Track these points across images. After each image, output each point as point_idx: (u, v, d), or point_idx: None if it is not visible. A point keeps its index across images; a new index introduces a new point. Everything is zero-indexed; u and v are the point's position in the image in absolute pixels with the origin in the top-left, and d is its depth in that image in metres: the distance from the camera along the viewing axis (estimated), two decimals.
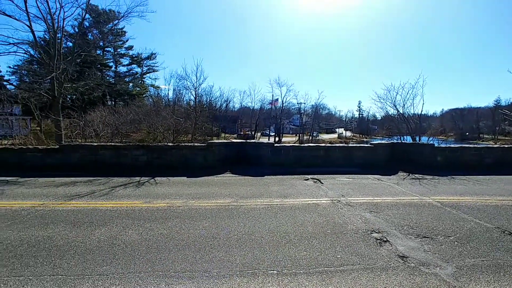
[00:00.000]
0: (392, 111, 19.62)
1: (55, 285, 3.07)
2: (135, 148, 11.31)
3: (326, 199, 6.74)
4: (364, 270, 3.41)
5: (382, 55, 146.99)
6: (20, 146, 11.96)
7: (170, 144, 11.73)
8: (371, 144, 13.28)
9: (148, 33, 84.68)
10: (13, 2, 13.13)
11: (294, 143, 27.00)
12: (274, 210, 5.81)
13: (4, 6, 12.88)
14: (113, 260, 3.61)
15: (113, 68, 54.13)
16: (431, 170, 10.76)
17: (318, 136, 64.57)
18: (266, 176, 9.59)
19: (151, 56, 54.03)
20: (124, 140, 14.29)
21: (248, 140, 21.13)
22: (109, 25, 25.78)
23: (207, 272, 3.31)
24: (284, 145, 12.57)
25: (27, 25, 13.68)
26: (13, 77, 41.75)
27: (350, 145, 14.24)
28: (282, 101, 55.11)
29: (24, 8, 13.30)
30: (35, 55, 16.08)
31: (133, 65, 55.62)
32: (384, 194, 7.24)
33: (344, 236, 4.42)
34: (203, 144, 11.94)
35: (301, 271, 3.37)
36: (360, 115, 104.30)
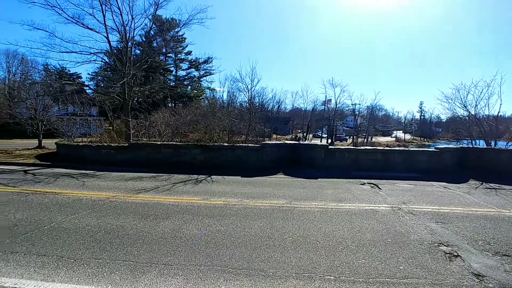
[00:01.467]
0: (461, 112, 17.68)
1: (128, 270, 3.40)
2: (193, 147, 12.00)
3: (385, 205, 6.36)
4: (432, 285, 3.14)
5: (448, 53, 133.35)
6: (97, 144, 13.53)
7: (226, 144, 12.19)
8: (436, 148, 12.15)
9: (206, 38, 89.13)
10: (94, 17, 15.03)
11: (348, 145, 26.01)
12: (329, 214, 5.67)
13: (88, 21, 14.95)
14: (176, 251, 3.88)
15: (173, 73, 58.12)
16: (511, 179, 9.46)
17: (372, 138, 61.14)
18: (319, 179, 9.40)
19: (207, 60, 56.74)
20: (183, 140, 15.26)
21: (301, 142, 20.95)
22: (171, 33, 27.68)
23: (263, 272, 3.37)
24: (339, 147, 12.19)
25: (105, 36, 15.52)
26: (91, 82, 47.43)
27: (411, 149, 13.23)
28: (336, 102, 53.36)
29: (103, 22, 15.14)
30: (110, 63, 18.08)
31: (192, 69, 59.05)
32: (452, 204, 6.58)
33: (407, 247, 4.13)
34: (256, 145, 12.16)
35: (360, 279, 3.23)
36: (422, 117, 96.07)
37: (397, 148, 14.21)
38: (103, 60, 17.54)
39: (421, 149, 13.01)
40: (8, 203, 6.18)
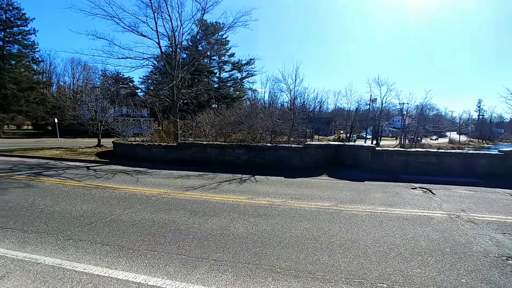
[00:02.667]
0: None
1: (181, 263, 3.60)
2: (237, 147, 12.26)
3: (441, 212, 5.92)
4: None
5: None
6: (148, 143, 14.47)
7: (269, 144, 12.27)
8: (500, 151, 10.97)
9: (249, 40, 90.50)
10: (148, 25, 16.15)
11: (394, 147, 24.61)
12: (378, 218, 5.43)
13: (142, 29, 16.21)
14: (224, 248, 4.01)
15: (217, 75, 59.88)
16: None
17: (422, 140, 56.89)
18: (366, 182, 9.04)
19: (250, 62, 57.47)
20: (227, 140, 15.67)
21: (346, 143, 20.32)
22: (216, 36, 28.53)
23: (312, 274, 3.34)
24: (387, 149, 11.60)
25: (156, 42, 16.56)
26: (143, 85, 50.83)
27: (469, 151, 12.10)
28: (381, 101, 50.79)
29: (155, 29, 16.18)
30: (160, 67, 19.23)
31: (234, 71, 60.28)
32: None
33: (469, 258, 3.80)
34: (299, 146, 12.05)
35: None
36: (480, 116, 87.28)
37: (453, 151, 13.12)
38: (154, 65, 18.72)
39: (481, 152, 11.83)
40: (76, 196, 6.88)
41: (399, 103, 53.09)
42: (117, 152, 15.25)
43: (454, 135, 77.51)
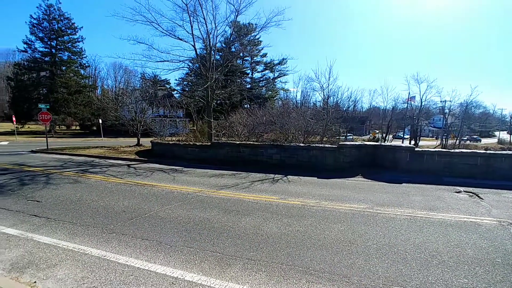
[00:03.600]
0: None
1: (215, 260, 3.68)
2: (269, 147, 12.28)
3: (490, 218, 5.46)
4: None
5: None
6: (183, 142, 14.99)
7: (301, 144, 12.13)
8: None
9: (281, 39, 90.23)
10: (184, 28, 16.97)
11: (435, 148, 23.14)
12: (418, 223, 5.14)
13: (178, 32, 16.83)
14: (258, 248, 4.04)
15: (249, 75, 60.47)
16: None
17: (467, 140, 52.57)
18: (404, 184, 8.61)
19: (282, 62, 57.33)
20: (259, 140, 15.74)
21: (382, 143, 19.52)
22: (248, 37, 28.77)
23: (347, 278, 3.25)
24: (428, 149, 10.93)
25: (192, 45, 17.13)
26: (178, 87, 52.88)
27: None
28: (421, 99, 47.86)
29: (191, 32, 16.75)
30: (195, 69, 19.84)
31: (266, 71, 60.53)
32: None
33: None
34: (333, 146, 11.78)
35: None
36: None
37: (504, 152, 12.04)
38: (189, 67, 19.36)
39: None
40: (118, 192, 7.32)
41: (441, 101, 49.67)
42: (155, 151, 15.97)
43: (504, 135, 70.95)
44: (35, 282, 3.20)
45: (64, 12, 48.43)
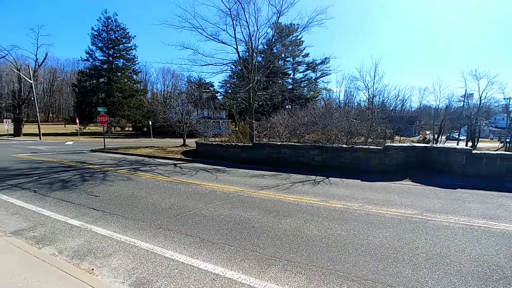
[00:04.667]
0: None
1: (255, 260, 3.72)
2: (311, 148, 12.09)
3: None
4: None
5: None
6: (226, 143, 15.40)
7: (344, 145, 11.75)
8: None
9: (324, 38, 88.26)
10: (227, 32, 17.31)
11: (497, 150, 20.84)
12: (475, 233, 4.69)
13: (221, 37, 17.41)
14: (298, 250, 4.01)
15: (291, 76, 60.07)
16: None
17: None
18: (458, 189, 7.90)
19: (324, 61, 55.99)
20: (300, 141, 15.57)
21: (433, 145, 18.15)
22: (290, 38, 28.66)
23: (392, 287, 3.09)
24: (487, 152, 9.89)
25: (235, 48, 17.60)
26: (221, 89, 54.39)
27: None
28: (480, 97, 43.34)
29: (233, 35, 17.22)
30: (237, 71, 20.31)
31: (308, 71, 59.58)
32: None
33: None
34: (378, 147, 11.23)
35: None
36: None
37: None
38: (232, 69, 19.86)
39: None
40: (165, 190, 7.76)
41: (504, 98, 44.50)
42: (199, 151, 16.63)
43: None
44: (92, 269, 3.53)
45: (120, 23, 52.63)
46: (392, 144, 13.87)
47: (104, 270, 3.51)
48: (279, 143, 13.24)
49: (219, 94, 45.33)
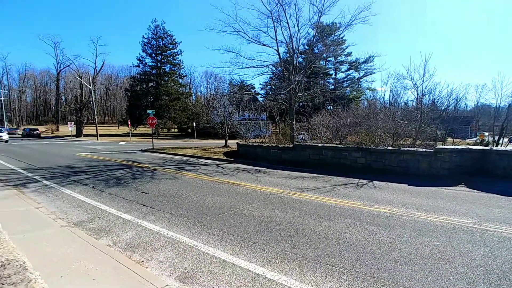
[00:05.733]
0: None
1: (295, 262, 3.72)
2: (354, 150, 11.69)
3: None
4: None
5: None
6: (266, 144, 15.51)
7: (390, 148, 11.17)
8: None
9: (368, 36, 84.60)
10: (268, 34, 17.50)
11: None
12: None
13: (262, 39, 17.57)
14: (339, 254, 3.91)
15: (332, 76, 58.58)
16: None
17: None
18: None
19: (368, 60, 53.65)
20: (342, 142, 15.11)
21: (493, 147, 16.47)
22: (331, 37, 28.00)
23: None
24: None
25: (275, 50, 17.71)
26: (262, 91, 54.95)
27: None
28: None
29: (274, 37, 17.35)
30: (278, 73, 20.34)
31: (351, 71, 57.66)
32: None
33: None
34: (428, 150, 10.48)
35: None
36: None
37: None
38: (272, 71, 19.96)
39: None
40: (208, 189, 8.05)
41: None
42: (240, 152, 16.95)
43: None
44: (142, 261, 3.80)
45: (167, 30, 55.81)
46: (444, 146, 12.85)
47: (153, 263, 3.76)
48: (320, 145, 12.99)
49: (259, 96, 45.86)
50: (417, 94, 16.21)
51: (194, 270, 3.54)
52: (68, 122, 47.29)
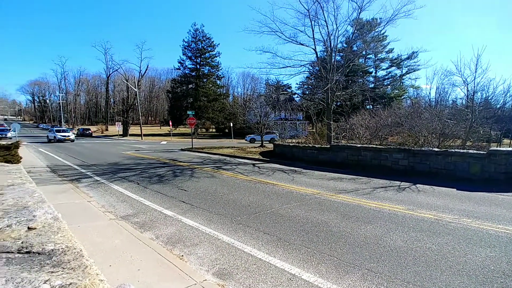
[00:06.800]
0: None
1: (332, 265, 3.65)
2: (395, 151, 11.12)
3: None
4: None
5: None
6: (303, 144, 15.35)
7: (436, 149, 10.45)
8: None
9: (412, 30, 79.68)
10: (305, 33, 17.29)
11: None
12: None
13: (299, 38, 17.33)
14: (379, 260, 3.76)
15: (372, 74, 56.13)
16: None
17: None
18: None
19: (411, 56, 50.49)
20: (383, 143, 14.46)
21: None
22: (371, 33, 26.89)
23: None
24: None
25: (313, 49, 17.44)
26: (299, 91, 54.41)
27: None
28: None
29: (312, 36, 17.08)
30: (315, 72, 20.02)
31: (392, 68, 54.70)
32: None
33: None
34: (481, 152, 9.63)
35: None
36: None
37: None
38: (309, 70, 19.69)
39: None
40: (244, 188, 8.18)
41: None
42: (276, 152, 16.96)
43: None
44: (182, 255, 3.98)
45: (206, 33, 57.58)
46: (499, 148, 11.72)
47: (192, 257, 3.92)
48: (359, 145, 12.55)
49: (296, 95, 45.48)
50: (468, 91, 15.02)
51: (231, 267, 3.63)
52: (116, 123, 50.80)
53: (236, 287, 3.20)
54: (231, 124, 39.69)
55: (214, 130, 66.66)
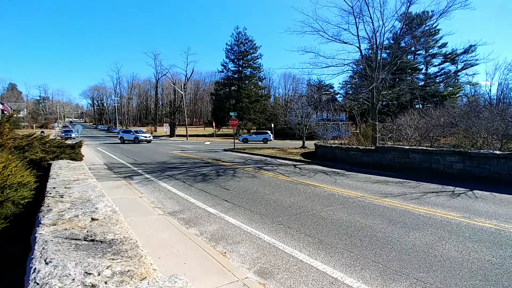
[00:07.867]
0: None
1: (377, 272, 3.51)
2: (448, 153, 10.28)
3: None
4: None
5: None
6: (346, 146, 14.88)
7: (497, 152, 9.44)
8: None
9: (468, 22, 72.60)
10: (349, 31, 16.69)
11: None
12: None
13: (343, 36, 16.69)
14: (430, 269, 3.54)
15: (422, 71, 52.42)
16: None
17: None
18: None
19: (468, 50, 46.11)
20: (434, 145, 13.43)
21: None
22: (421, 28, 25.16)
23: None
24: None
25: (357, 47, 16.77)
26: (342, 91, 52.73)
27: None
28: None
29: (356, 34, 16.41)
30: (359, 71, 19.26)
31: (446, 64, 50.49)
32: None
33: None
34: None
35: None
36: None
37: None
38: (353, 69, 19.00)
39: None
40: (285, 189, 8.18)
41: None
42: (318, 153, 16.65)
43: None
44: (225, 252, 4.11)
45: (248, 36, 58.46)
46: None
47: (234, 255, 4.03)
48: (407, 147, 11.82)
49: (339, 95, 44.15)
50: None
51: (272, 266, 3.68)
52: (164, 124, 53.89)
53: (277, 286, 3.23)
54: (272, 125, 39.81)
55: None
